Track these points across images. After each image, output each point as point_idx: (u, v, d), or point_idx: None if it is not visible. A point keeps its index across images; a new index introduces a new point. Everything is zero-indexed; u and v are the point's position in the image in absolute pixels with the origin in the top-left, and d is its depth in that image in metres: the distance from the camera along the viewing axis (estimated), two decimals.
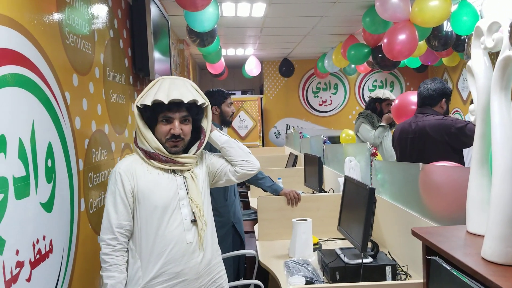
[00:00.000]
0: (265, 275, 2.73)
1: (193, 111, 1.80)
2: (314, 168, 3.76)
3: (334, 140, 5.68)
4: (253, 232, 3.48)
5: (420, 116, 2.95)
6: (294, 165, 5.03)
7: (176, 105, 1.73)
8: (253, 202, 4.06)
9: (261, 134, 9.01)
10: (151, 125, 1.79)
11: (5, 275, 1.27)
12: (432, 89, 2.94)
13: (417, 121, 2.94)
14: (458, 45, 4.98)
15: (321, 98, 9.27)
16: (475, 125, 1.20)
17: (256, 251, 2.60)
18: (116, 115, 2.54)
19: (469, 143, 2.71)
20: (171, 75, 4.07)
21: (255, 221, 3.46)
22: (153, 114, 1.76)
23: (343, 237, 2.59)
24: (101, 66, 2.32)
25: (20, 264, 1.37)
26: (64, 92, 1.78)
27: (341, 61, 6.57)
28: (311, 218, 2.50)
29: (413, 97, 3.64)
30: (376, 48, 5.33)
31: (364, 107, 9.10)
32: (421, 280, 1.39)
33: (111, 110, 2.45)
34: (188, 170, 1.81)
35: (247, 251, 2.87)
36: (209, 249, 1.84)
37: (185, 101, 1.72)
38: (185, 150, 1.82)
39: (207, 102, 1.84)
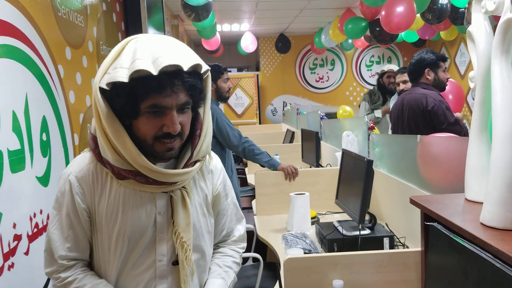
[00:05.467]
0: (263, 249, 2.75)
1: (195, 90, 1.09)
2: (311, 144, 3.75)
3: (331, 116, 5.66)
4: (250, 208, 3.50)
5: (412, 89, 2.94)
6: (291, 141, 5.02)
7: (170, 80, 1.03)
8: (250, 179, 4.06)
9: (257, 112, 8.97)
10: (125, 119, 1.08)
11: (2, 248, 1.27)
12: (412, 63, 2.88)
13: (406, 94, 2.94)
14: (457, 18, 4.92)
15: (318, 74, 9.20)
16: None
17: (254, 226, 2.61)
18: None
19: (438, 126, 2.68)
20: None
21: (252, 197, 3.46)
22: (132, 100, 1.04)
23: (341, 211, 2.60)
24: (94, 40, 2.28)
25: (17, 238, 1.36)
26: (57, 65, 1.75)
27: (338, 35, 6.50)
28: (309, 192, 2.50)
29: None
30: (373, 22, 5.28)
31: (361, 83, 9.13)
32: (419, 249, 1.40)
33: None
34: (178, 188, 1.16)
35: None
36: None
37: (185, 68, 1.03)
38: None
39: (208, 69, 1.15)
